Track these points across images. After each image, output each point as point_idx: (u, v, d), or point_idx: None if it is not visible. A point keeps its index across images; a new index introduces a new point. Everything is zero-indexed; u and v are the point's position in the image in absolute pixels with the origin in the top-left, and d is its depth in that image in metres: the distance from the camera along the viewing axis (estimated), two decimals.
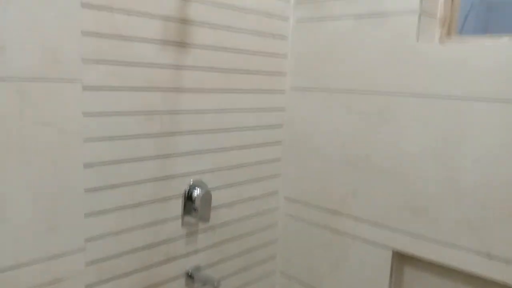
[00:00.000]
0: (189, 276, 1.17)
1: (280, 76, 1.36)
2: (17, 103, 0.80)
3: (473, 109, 1.02)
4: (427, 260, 1.13)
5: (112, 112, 0.95)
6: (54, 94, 0.85)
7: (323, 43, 1.29)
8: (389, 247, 1.18)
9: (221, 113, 1.20)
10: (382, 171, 1.19)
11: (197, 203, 1.13)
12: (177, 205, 1.12)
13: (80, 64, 0.88)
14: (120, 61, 0.95)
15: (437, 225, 1.09)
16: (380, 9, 1.16)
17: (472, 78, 1.01)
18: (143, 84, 1.00)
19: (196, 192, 1.14)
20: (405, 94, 1.13)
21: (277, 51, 1.32)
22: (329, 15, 1.26)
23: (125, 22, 0.94)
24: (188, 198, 1.14)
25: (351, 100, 1.23)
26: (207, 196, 1.14)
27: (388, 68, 1.15)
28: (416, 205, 1.13)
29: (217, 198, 1.21)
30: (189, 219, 1.15)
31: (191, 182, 1.14)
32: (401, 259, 1.21)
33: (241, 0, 1.18)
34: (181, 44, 1.06)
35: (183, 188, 1.13)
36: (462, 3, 1.18)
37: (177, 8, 1.03)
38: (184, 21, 1.05)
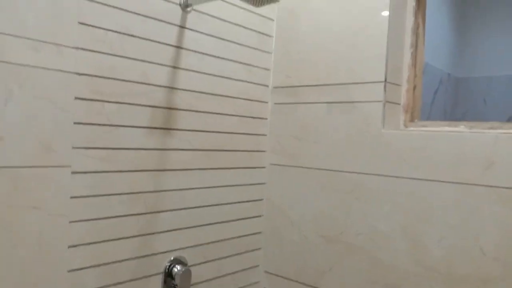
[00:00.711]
0: None
1: (261, 153, 1.45)
2: (9, 189, 0.86)
3: (433, 190, 1.11)
4: None
5: (98, 195, 1.01)
6: (44, 179, 0.92)
7: (298, 125, 1.39)
8: None
9: (204, 189, 1.26)
10: (355, 247, 1.24)
11: (177, 280, 1.16)
12: (157, 282, 1.15)
13: (70, 151, 0.96)
14: (109, 146, 1.03)
15: None
16: (348, 98, 1.28)
17: (431, 162, 1.11)
18: (130, 167, 1.07)
19: (176, 269, 1.17)
20: (373, 175, 1.22)
21: (257, 131, 1.42)
22: (303, 100, 1.38)
23: (115, 111, 1.03)
24: (168, 274, 1.17)
25: (325, 178, 1.32)
26: (186, 273, 1.18)
27: (357, 151, 1.25)
28: (387, 282, 1.17)
29: (197, 274, 1.24)
30: None
31: (172, 258, 1.18)
32: None
33: (224, 88, 1.29)
34: (167, 129, 1.15)
35: (163, 264, 1.17)
36: (431, 78, 1.30)
37: (165, 98, 1.14)
38: (170, 108, 1.15)
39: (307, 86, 1.37)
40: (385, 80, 1.21)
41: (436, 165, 1.10)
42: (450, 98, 2.37)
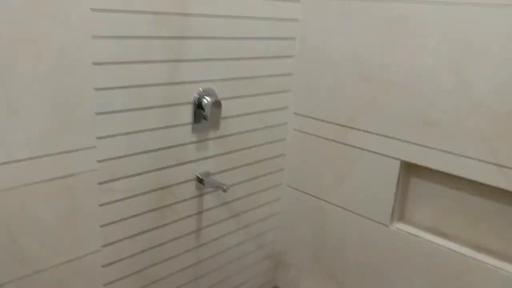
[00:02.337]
0: (199, 181, 1.20)
1: None
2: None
3: (487, 22, 0.97)
4: (435, 170, 1.14)
5: (120, 10, 0.92)
6: None
7: None
8: (398, 158, 1.19)
9: (233, 19, 1.15)
10: (396, 84, 1.16)
11: (207, 111, 1.13)
12: (187, 112, 1.12)
13: None
14: None
15: (448, 136, 1.09)
16: None
17: None
18: None
19: (206, 100, 1.13)
20: (424, 1, 1.07)
21: None
22: None
23: None
24: (198, 106, 1.13)
25: (368, 9, 1.18)
26: (217, 105, 1.14)
27: None
28: (428, 117, 1.11)
29: (226, 108, 1.20)
30: (199, 126, 1.16)
31: (201, 90, 1.13)
32: (408, 170, 1.22)
33: None
34: None
35: (192, 95, 1.12)
36: None
37: None
38: None
39: None
40: None
41: None
42: None
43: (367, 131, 1.25)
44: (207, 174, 1.22)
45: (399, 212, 1.27)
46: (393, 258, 1.26)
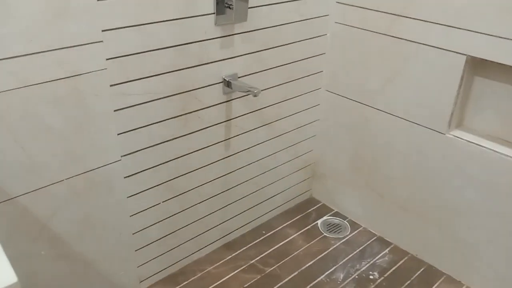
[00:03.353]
0: (226, 84, 1.05)
1: None
2: None
3: None
4: (508, 66, 0.94)
5: None
6: None
7: None
8: (463, 53, 0.99)
9: None
10: None
11: None
12: (208, 0, 0.94)
13: None
14: None
15: None
16: None
17: None
18: None
19: None
20: None
21: None
22: None
23: None
24: None
25: None
26: None
27: None
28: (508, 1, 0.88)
29: None
30: (223, 18, 0.97)
31: None
32: (474, 67, 1.02)
33: None
34: None
35: None
36: None
37: None
38: None
39: None
40: None
41: None
42: None
43: (426, 21, 1.03)
44: (235, 76, 1.06)
45: (458, 118, 1.10)
46: (446, 168, 1.12)
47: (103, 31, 0.80)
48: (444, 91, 1.06)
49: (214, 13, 0.95)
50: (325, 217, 1.46)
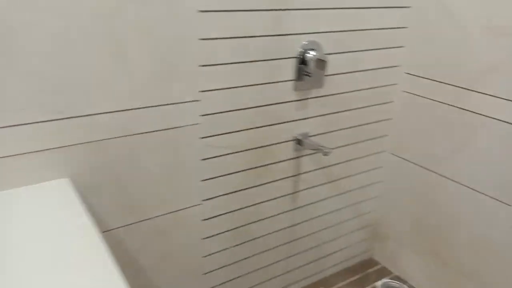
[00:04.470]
0: (298, 142, 1.14)
1: None
2: None
3: None
4: None
5: None
6: None
7: None
8: None
9: None
10: None
11: (311, 66, 1.05)
12: (290, 68, 1.06)
13: None
14: None
15: None
16: None
17: None
18: None
19: (310, 54, 1.05)
20: None
21: None
22: None
23: None
24: (302, 61, 1.06)
25: None
26: (322, 60, 1.05)
27: None
28: None
29: (332, 64, 1.11)
30: (301, 84, 1.09)
31: (306, 43, 1.05)
32: None
33: None
34: None
35: (296, 49, 1.05)
36: None
37: None
38: None
39: None
40: None
41: None
42: None
43: (494, 96, 1.07)
44: (306, 135, 1.16)
45: None
46: None
47: (200, 91, 0.94)
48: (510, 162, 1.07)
49: (294, 80, 1.07)
50: (384, 279, 1.45)
